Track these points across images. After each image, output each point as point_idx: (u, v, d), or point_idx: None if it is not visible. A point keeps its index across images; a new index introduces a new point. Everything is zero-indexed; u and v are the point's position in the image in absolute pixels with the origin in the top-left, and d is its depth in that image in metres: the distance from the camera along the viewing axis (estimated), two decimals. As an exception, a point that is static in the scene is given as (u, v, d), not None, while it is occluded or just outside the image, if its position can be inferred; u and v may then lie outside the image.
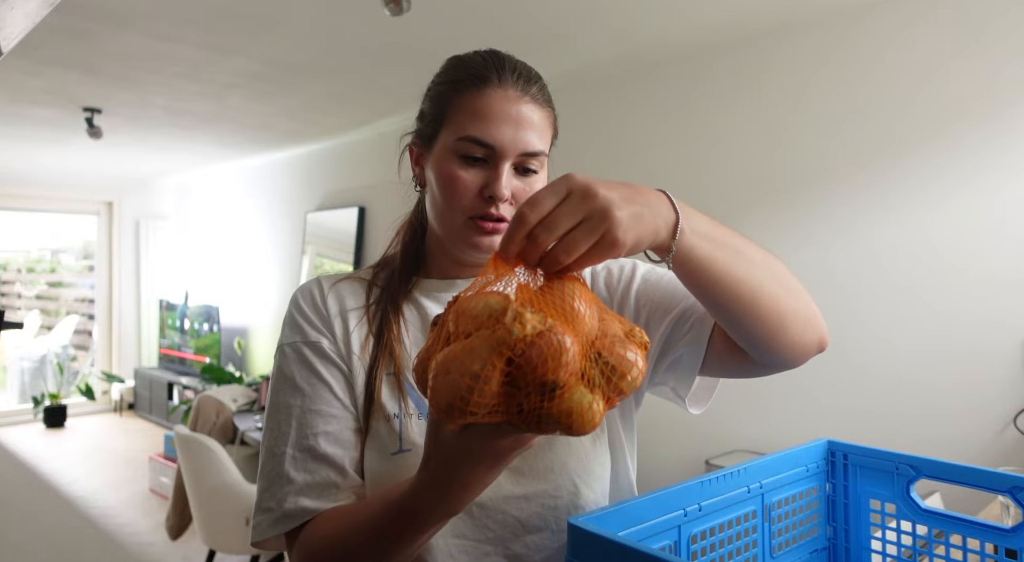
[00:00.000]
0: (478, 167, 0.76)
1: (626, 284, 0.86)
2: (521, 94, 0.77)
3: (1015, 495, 0.71)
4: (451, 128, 0.77)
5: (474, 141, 0.75)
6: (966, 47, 2.14)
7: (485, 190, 0.75)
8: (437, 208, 0.79)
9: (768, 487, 0.76)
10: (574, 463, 0.78)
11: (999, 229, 2.07)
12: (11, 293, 7.38)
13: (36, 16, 0.76)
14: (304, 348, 0.79)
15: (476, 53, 0.80)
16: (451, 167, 0.76)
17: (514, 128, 0.75)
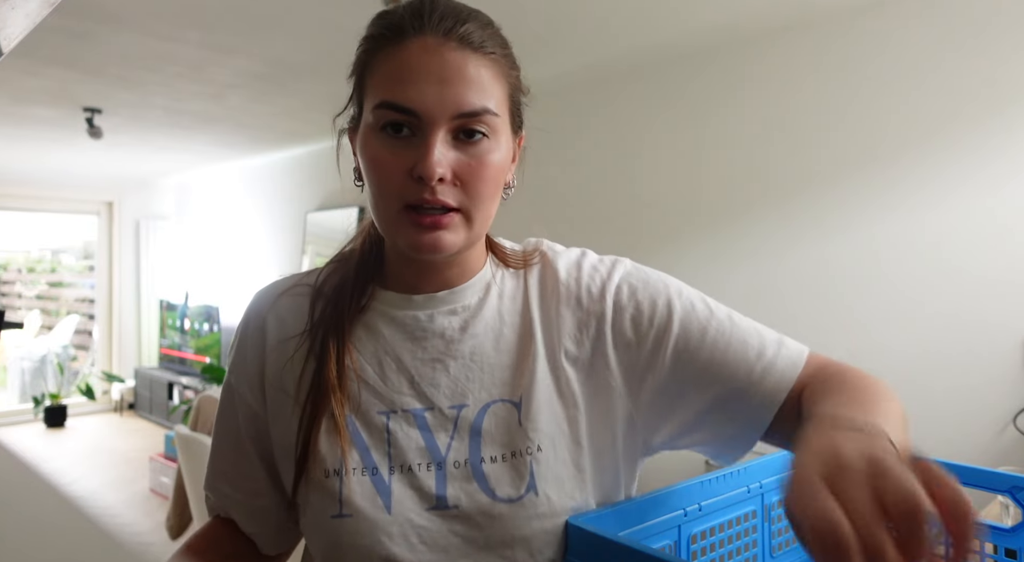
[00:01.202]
0: (403, 140, 0.60)
1: (660, 333, 0.67)
2: (445, 39, 0.60)
3: (1015, 495, 0.70)
4: (369, 99, 0.62)
5: (390, 107, 0.59)
6: (964, 46, 2.14)
7: (413, 170, 0.59)
8: (371, 201, 0.65)
9: (768, 487, 0.76)
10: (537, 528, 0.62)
11: (998, 229, 2.07)
12: (11, 293, 7.38)
13: (36, 16, 0.76)
14: (226, 386, 0.74)
15: (385, 11, 0.67)
16: (371, 146, 0.62)
17: (438, 85, 0.59)
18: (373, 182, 0.63)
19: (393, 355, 0.67)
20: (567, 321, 0.68)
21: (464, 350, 0.67)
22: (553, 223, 3.20)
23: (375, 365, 0.67)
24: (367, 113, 0.63)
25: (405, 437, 0.64)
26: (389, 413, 0.65)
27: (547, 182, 3.19)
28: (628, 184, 3.05)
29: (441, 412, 0.65)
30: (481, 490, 0.62)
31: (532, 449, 0.63)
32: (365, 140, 0.63)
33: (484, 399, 0.65)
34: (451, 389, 0.66)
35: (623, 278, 0.70)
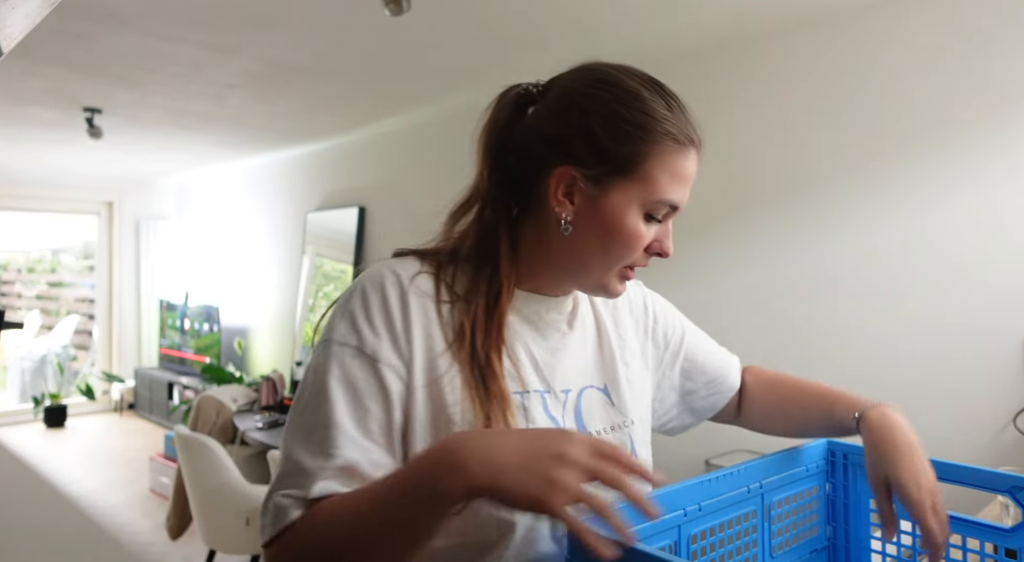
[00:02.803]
0: (653, 224, 0.73)
1: (675, 352, 0.94)
2: (699, 159, 0.76)
3: (1015, 495, 0.71)
4: (647, 183, 0.70)
5: (669, 205, 0.72)
6: (965, 46, 2.14)
7: (655, 245, 0.74)
8: (589, 253, 0.73)
9: (768, 487, 0.76)
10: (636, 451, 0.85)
11: (999, 229, 2.07)
12: (11, 293, 7.38)
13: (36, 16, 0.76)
14: (354, 356, 0.69)
15: (670, 96, 0.75)
16: (637, 224, 0.71)
17: (689, 191, 0.75)
18: (618, 247, 0.72)
19: (524, 344, 0.77)
20: (627, 323, 0.89)
21: (569, 344, 0.81)
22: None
23: (509, 351, 0.76)
24: (640, 192, 0.71)
25: (537, 414, 0.74)
26: (523, 393, 0.74)
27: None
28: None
29: (555, 395, 0.77)
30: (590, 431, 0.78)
31: (628, 423, 0.82)
32: (625, 212, 0.71)
33: (580, 385, 0.80)
34: (563, 376, 0.78)
35: (648, 292, 0.96)
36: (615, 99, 0.71)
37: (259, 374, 5.23)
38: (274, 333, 5.33)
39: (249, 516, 2.51)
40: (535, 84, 0.79)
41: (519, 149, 0.75)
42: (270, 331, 5.38)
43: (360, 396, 0.68)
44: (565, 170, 0.71)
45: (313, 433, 0.66)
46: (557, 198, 0.72)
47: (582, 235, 0.72)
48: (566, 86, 0.76)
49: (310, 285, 4.89)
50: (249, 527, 2.51)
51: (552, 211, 0.73)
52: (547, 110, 0.75)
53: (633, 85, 0.73)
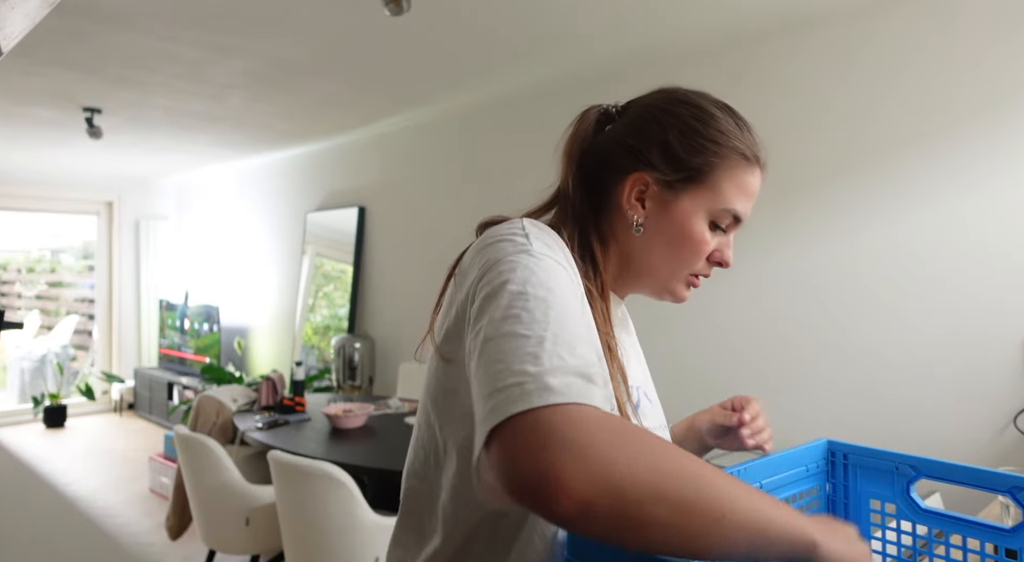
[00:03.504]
0: (717, 233, 0.78)
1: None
2: (763, 173, 0.81)
3: (1015, 495, 0.70)
4: (714, 192, 0.76)
5: (735, 217, 0.78)
6: (965, 46, 2.14)
7: (716, 254, 0.79)
8: (658, 256, 0.78)
9: (768, 487, 0.76)
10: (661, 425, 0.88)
11: (999, 229, 2.07)
12: (11, 293, 7.38)
13: (36, 16, 0.76)
14: (556, 264, 0.63)
15: (740, 118, 0.82)
16: (703, 230, 0.77)
17: (752, 205, 0.80)
18: (686, 252, 0.77)
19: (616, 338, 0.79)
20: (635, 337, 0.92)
21: (633, 344, 0.88)
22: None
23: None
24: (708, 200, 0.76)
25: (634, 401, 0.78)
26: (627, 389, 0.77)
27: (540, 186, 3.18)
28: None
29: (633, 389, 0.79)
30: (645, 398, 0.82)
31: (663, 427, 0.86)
32: (694, 218, 0.77)
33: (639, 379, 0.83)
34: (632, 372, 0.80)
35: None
36: (691, 116, 0.78)
37: (259, 374, 5.24)
38: (274, 333, 5.33)
39: (249, 516, 2.51)
40: (615, 105, 0.86)
41: (599, 157, 0.81)
42: (270, 331, 5.37)
43: (576, 295, 0.63)
44: (640, 175, 0.77)
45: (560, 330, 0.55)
46: (630, 201, 0.78)
47: (652, 238, 0.78)
48: (646, 104, 0.82)
49: (310, 285, 4.89)
50: (249, 527, 2.51)
51: (625, 214, 0.78)
52: (626, 124, 0.81)
53: (708, 106, 0.79)
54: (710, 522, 0.48)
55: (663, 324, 2.80)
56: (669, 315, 2.74)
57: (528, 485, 0.47)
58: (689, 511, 0.48)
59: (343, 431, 2.80)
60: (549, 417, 0.48)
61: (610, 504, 0.47)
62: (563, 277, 0.62)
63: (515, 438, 0.48)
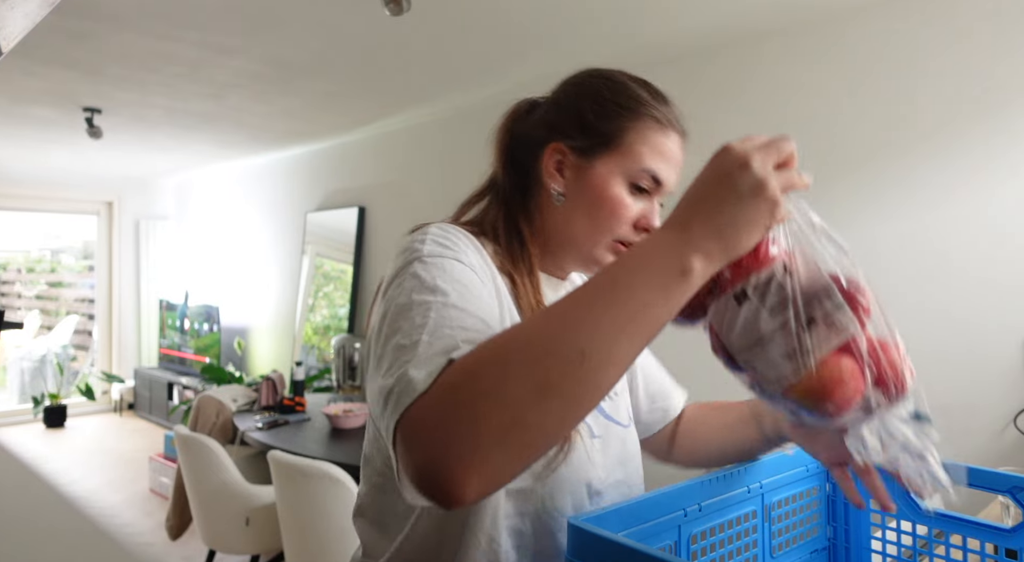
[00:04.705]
0: (639, 197, 0.78)
1: None
2: (683, 139, 0.82)
3: (1015, 495, 0.71)
4: (628, 154, 0.78)
5: (652, 176, 0.78)
6: (965, 46, 2.14)
7: (641, 221, 0.79)
8: (580, 223, 0.79)
9: (768, 487, 0.76)
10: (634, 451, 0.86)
11: (999, 229, 2.07)
12: (11, 293, 7.38)
13: (36, 16, 0.76)
14: (452, 263, 0.66)
15: (656, 89, 0.82)
16: (620, 193, 0.77)
17: (675, 170, 0.80)
18: (604, 215, 0.78)
19: None
20: None
21: None
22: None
23: None
24: (622, 163, 0.77)
25: None
26: None
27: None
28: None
29: None
30: (609, 421, 0.82)
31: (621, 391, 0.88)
32: (609, 181, 0.78)
33: None
34: None
35: None
36: (604, 86, 0.81)
37: (259, 374, 5.24)
38: (274, 333, 5.33)
39: (249, 516, 2.51)
40: (543, 97, 0.89)
41: (524, 140, 0.84)
42: (270, 331, 5.37)
43: (472, 292, 0.64)
44: (556, 145, 0.80)
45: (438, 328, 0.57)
46: (549, 171, 0.81)
47: (573, 206, 0.79)
48: (563, 82, 0.86)
49: (310, 285, 4.89)
50: (249, 527, 2.51)
51: (548, 188, 0.81)
52: (546, 105, 0.86)
53: (621, 77, 0.82)
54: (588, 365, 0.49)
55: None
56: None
57: (427, 491, 0.48)
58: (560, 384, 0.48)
59: (343, 431, 2.79)
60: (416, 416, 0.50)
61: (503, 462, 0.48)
62: (456, 270, 0.65)
63: (402, 450, 0.50)
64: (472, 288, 0.65)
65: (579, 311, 0.51)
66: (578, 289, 0.53)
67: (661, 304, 0.52)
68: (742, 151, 0.55)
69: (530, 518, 0.71)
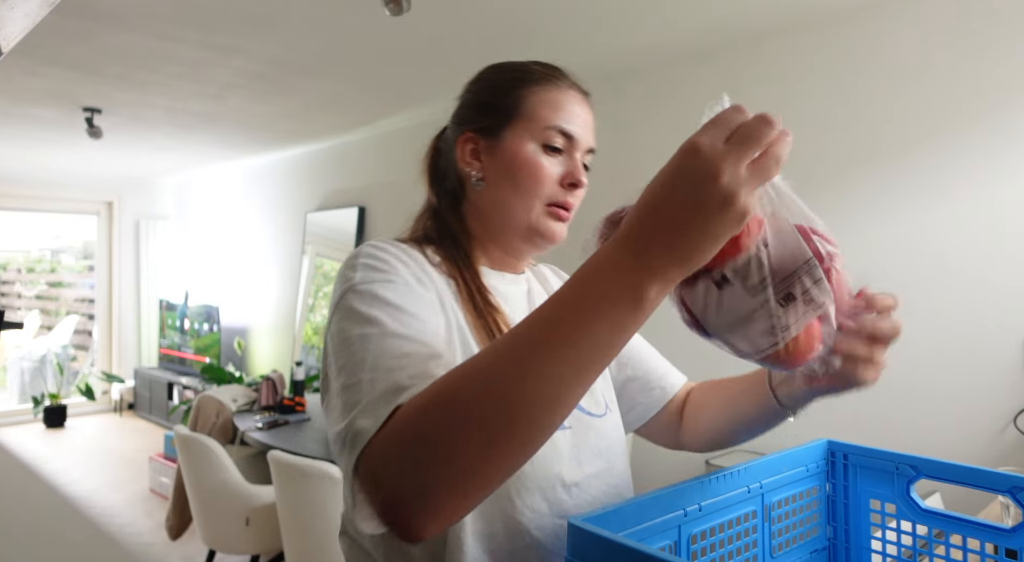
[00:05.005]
0: (555, 156, 0.80)
1: None
2: (584, 97, 0.84)
3: (1015, 495, 0.70)
4: (529, 120, 0.80)
5: (559, 131, 0.79)
6: (964, 47, 2.14)
7: (566, 178, 0.80)
8: (509, 197, 0.80)
9: (768, 487, 0.76)
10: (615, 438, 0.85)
11: (999, 229, 2.07)
12: (11, 293, 7.38)
13: (36, 16, 0.76)
14: (384, 285, 0.68)
15: (545, 62, 0.85)
16: (533, 154, 0.79)
17: (584, 124, 0.81)
18: (525, 182, 0.79)
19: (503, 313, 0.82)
20: None
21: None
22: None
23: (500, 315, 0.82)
24: (527, 128, 0.79)
25: None
26: None
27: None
28: (625, 184, 3.04)
29: None
30: (580, 411, 0.81)
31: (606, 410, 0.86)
32: (520, 149, 0.79)
33: None
34: None
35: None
36: (496, 70, 0.86)
37: (259, 374, 5.24)
38: (274, 333, 5.33)
39: (249, 516, 2.51)
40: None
41: (443, 148, 0.90)
42: (270, 331, 5.37)
43: (406, 311, 0.65)
44: (465, 136, 0.84)
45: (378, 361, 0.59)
46: (465, 160, 0.84)
47: (495, 185, 0.81)
48: (465, 84, 0.90)
49: (310, 285, 4.89)
50: (249, 527, 2.51)
51: (469, 177, 0.83)
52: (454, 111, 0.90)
53: (513, 62, 0.86)
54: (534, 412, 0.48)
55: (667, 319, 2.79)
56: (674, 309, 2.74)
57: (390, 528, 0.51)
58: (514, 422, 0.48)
59: (343, 431, 2.79)
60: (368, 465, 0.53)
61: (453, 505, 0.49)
62: (389, 293, 0.67)
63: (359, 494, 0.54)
64: (408, 306, 0.66)
65: (524, 353, 0.49)
66: (526, 325, 0.50)
67: (613, 339, 0.49)
68: (711, 157, 0.47)
69: (499, 519, 0.71)
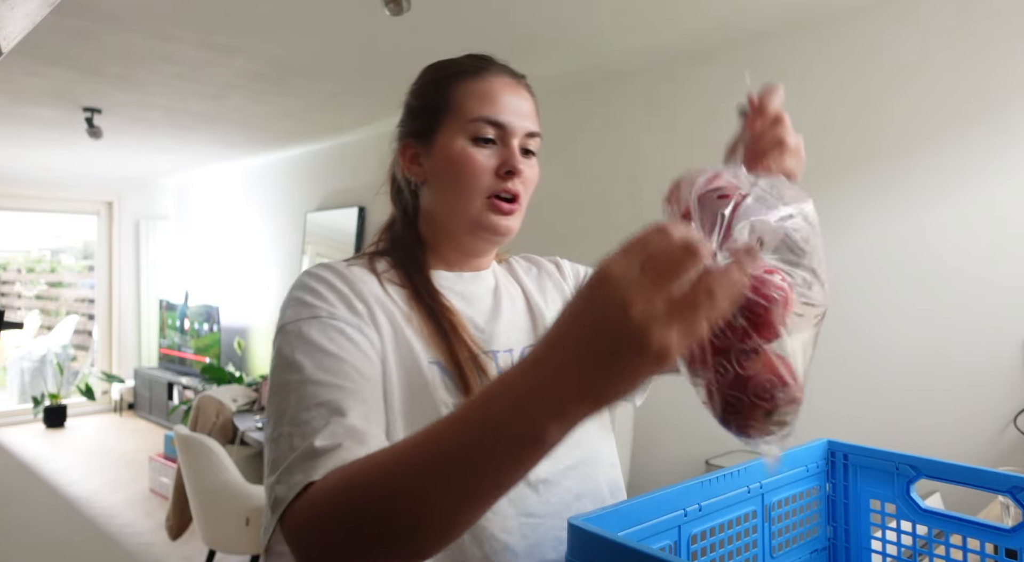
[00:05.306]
0: (489, 148, 0.79)
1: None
2: (516, 82, 0.83)
3: (1015, 495, 0.70)
4: (456, 115, 0.80)
5: (486, 121, 0.78)
6: (963, 47, 2.14)
7: (501, 167, 0.78)
8: (449, 196, 0.81)
9: (768, 487, 0.76)
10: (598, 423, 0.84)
11: (998, 229, 2.07)
12: (11, 293, 7.39)
13: (36, 16, 0.76)
14: (310, 323, 0.71)
15: (470, 54, 0.85)
16: (464, 148, 0.78)
17: (516, 110, 0.80)
18: (460, 178, 0.78)
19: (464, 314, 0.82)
20: (548, 286, 0.94)
21: (502, 311, 0.86)
22: (553, 223, 3.20)
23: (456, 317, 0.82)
24: (455, 124, 0.79)
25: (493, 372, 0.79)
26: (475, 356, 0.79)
27: (544, 183, 3.18)
28: (626, 184, 3.05)
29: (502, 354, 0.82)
30: None
31: None
32: (451, 146, 0.79)
33: (522, 343, 0.85)
34: (505, 337, 0.83)
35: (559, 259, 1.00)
36: (426, 73, 0.87)
37: (259, 374, 5.24)
38: (273, 333, 5.33)
39: (249, 516, 2.51)
40: None
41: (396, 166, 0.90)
42: (270, 331, 5.36)
43: (327, 352, 0.68)
44: (404, 143, 0.85)
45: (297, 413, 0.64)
46: (409, 168, 0.85)
47: (435, 185, 0.82)
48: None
49: (310, 285, 4.89)
50: (249, 527, 2.51)
51: (414, 185, 0.85)
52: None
53: (443, 60, 0.86)
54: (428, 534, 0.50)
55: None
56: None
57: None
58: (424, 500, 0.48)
59: (343, 431, 2.79)
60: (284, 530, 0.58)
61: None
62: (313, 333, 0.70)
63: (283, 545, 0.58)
64: (329, 346, 0.69)
65: (422, 472, 0.48)
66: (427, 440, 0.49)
67: (514, 470, 0.47)
68: (620, 287, 0.41)
69: None
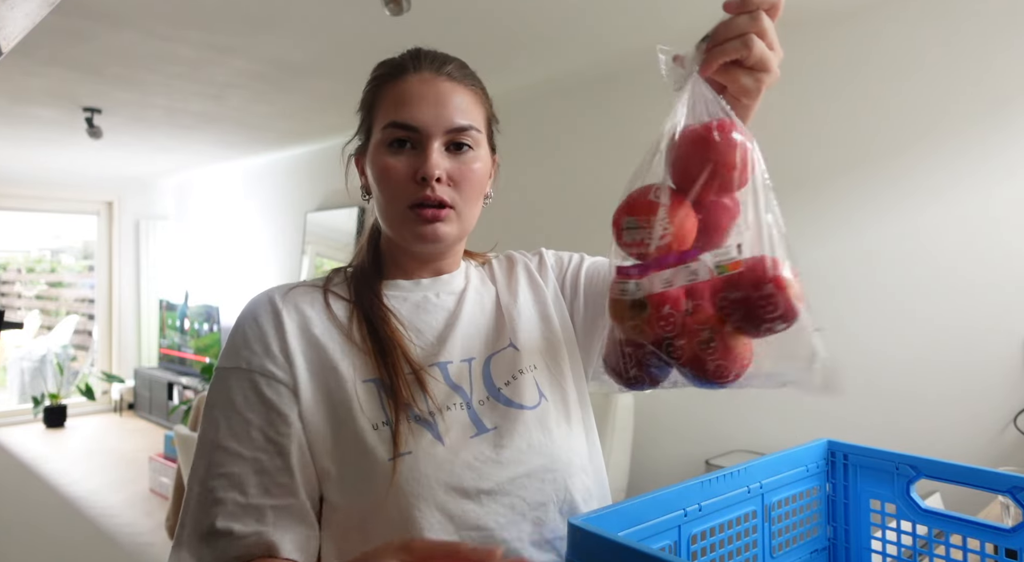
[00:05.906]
0: (407, 153, 0.76)
1: (576, 266, 0.93)
2: (436, 75, 0.78)
3: (1015, 495, 0.70)
4: (377, 123, 0.79)
5: (396, 125, 0.76)
6: (961, 47, 2.14)
7: (416, 173, 0.75)
8: (380, 206, 0.79)
9: (768, 487, 0.76)
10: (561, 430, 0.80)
11: (998, 229, 2.07)
12: (11, 293, 7.39)
13: (36, 16, 0.76)
14: (233, 374, 0.74)
15: (401, 54, 0.83)
16: (382, 158, 0.77)
17: (434, 107, 0.76)
18: (383, 188, 0.77)
19: (412, 326, 0.81)
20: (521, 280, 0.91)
21: (462, 317, 0.83)
22: (552, 223, 3.20)
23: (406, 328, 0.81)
24: (376, 134, 0.78)
25: (436, 386, 0.77)
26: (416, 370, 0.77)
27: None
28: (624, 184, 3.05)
29: (455, 364, 0.80)
30: (509, 407, 0.78)
31: (530, 367, 0.82)
32: (374, 156, 0.78)
33: (487, 351, 0.82)
34: (463, 346, 0.81)
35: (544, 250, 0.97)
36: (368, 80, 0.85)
37: (259, 374, 5.23)
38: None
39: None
40: None
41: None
42: (270, 331, 5.37)
43: (240, 414, 0.72)
44: (356, 158, 0.86)
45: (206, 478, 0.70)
46: (361, 178, 0.85)
47: (374, 195, 0.81)
48: None
49: (310, 285, 4.89)
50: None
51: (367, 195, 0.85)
52: None
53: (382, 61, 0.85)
54: None
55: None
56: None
57: None
58: None
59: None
60: None
61: None
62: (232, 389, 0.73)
63: None
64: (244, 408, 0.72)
65: None
66: None
67: None
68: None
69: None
